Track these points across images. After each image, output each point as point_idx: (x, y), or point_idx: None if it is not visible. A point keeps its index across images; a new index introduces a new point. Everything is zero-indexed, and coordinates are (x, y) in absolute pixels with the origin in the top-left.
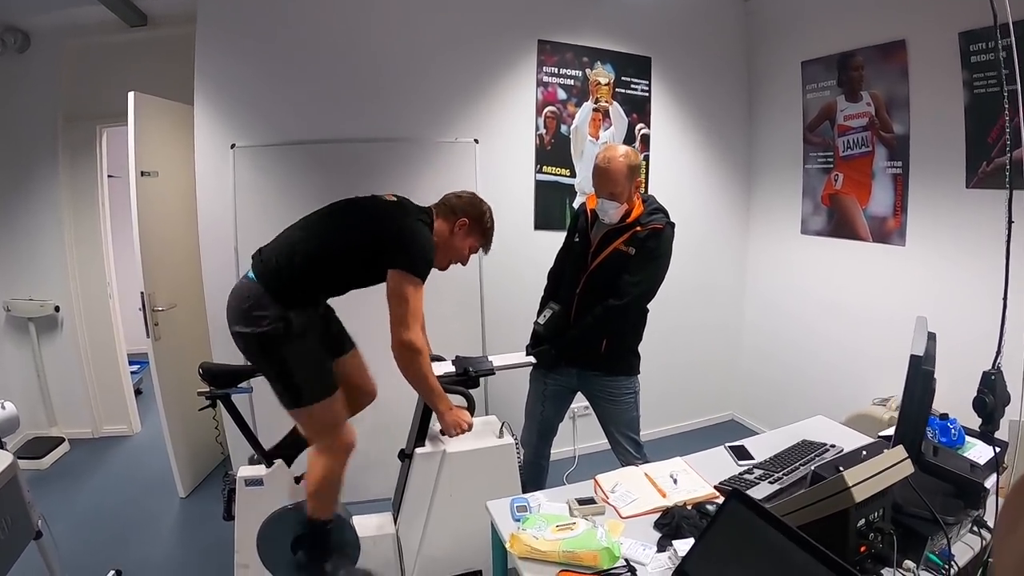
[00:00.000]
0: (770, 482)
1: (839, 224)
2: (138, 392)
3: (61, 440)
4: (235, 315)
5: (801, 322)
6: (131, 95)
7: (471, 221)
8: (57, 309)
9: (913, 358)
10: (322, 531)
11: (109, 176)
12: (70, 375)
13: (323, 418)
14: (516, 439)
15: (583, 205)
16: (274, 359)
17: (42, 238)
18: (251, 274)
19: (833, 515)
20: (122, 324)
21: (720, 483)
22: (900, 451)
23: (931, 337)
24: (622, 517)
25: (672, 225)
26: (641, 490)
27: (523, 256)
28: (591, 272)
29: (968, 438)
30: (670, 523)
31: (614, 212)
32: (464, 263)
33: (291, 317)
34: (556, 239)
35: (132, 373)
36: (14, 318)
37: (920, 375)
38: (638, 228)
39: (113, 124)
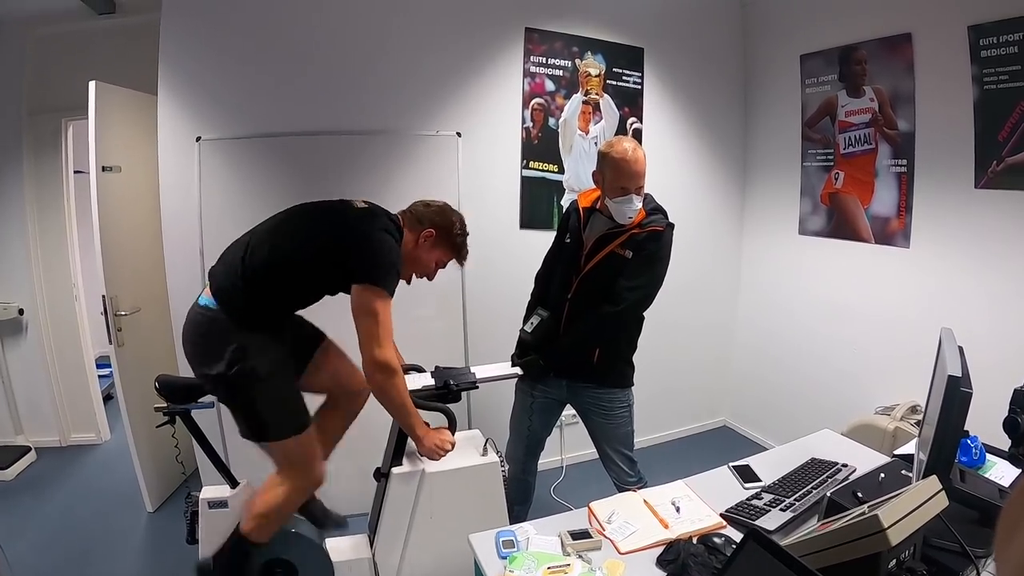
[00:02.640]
0: (781, 509)
1: (839, 224)
2: (109, 398)
3: (27, 449)
4: (194, 352)
5: (798, 326)
6: (92, 84)
7: (438, 232)
8: (21, 312)
9: (951, 379)
10: (247, 553)
11: (76, 172)
12: (36, 381)
13: (294, 454)
14: (501, 456)
15: (575, 203)
16: (240, 399)
17: (5, 238)
18: (203, 299)
19: (862, 557)
20: (89, 327)
21: (727, 511)
22: (934, 483)
23: (960, 352)
24: (620, 552)
25: (671, 226)
26: (640, 520)
27: (508, 257)
28: (584, 276)
29: (988, 456)
30: (675, 560)
31: (638, 209)
32: (430, 278)
33: (255, 350)
34: (543, 239)
35: (102, 378)
36: None
37: (958, 398)
38: (636, 230)
39: (79, 117)
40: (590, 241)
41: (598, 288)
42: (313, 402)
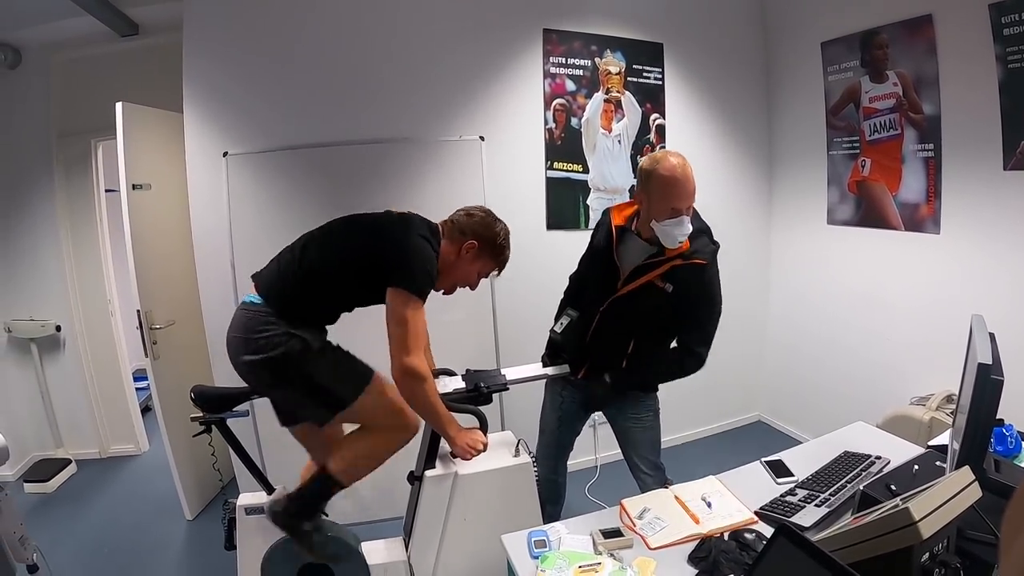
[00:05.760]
0: (816, 505)
1: (868, 213)
2: (147, 409)
3: (68, 462)
4: (239, 345)
5: (830, 318)
6: (119, 106)
7: (481, 244)
8: (59, 328)
9: (981, 367)
10: (328, 491)
11: (107, 190)
12: (75, 395)
13: (379, 408)
14: (533, 457)
15: (607, 216)
16: (293, 381)
17: (41, 257)
18: (250, 297)
19: (895, 551)
20: (125, 341)
21: (761, 508)
22: (967, 474)
23: (991, 339)
24: (650, 548)
25: (716, 251)
26: (671, 516)
27: (536, 259)
28: (618, 298)
29: None
30: (706, 557)
31: (689, 231)
32: (473, 287)
33: (301, 331)
34: (570, 239)
35: (139, 390)
36: (16, 339)
37: (989, 386)
38: (678, 260)
39: (107, 137)
40: (626, 269)
41: (631, 311)
42: None
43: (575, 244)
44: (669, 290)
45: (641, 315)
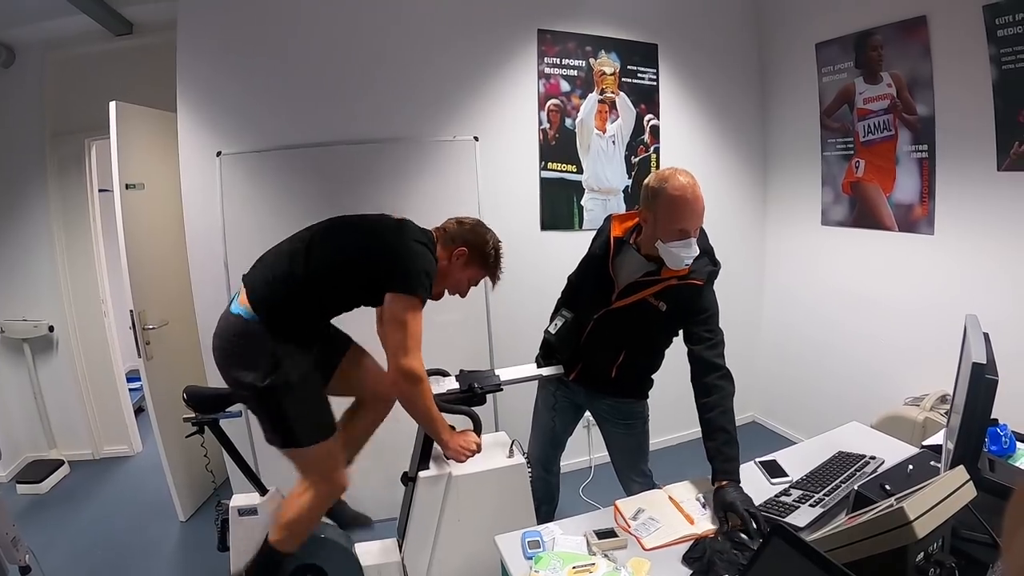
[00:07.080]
0: (811, 505)
1: (862, 213)
2: (140, 410)
3: (61, 463)
4: (225, 358)
5: (824, 318)
6: (112, 105)
7: (470, 251)
8: (51, 329)
9: (976, 367)
10: (278, 564)
11: (101, 190)
12: (68, 396)
13: (319, 459)
14: (527, 457)
15: (608, 226)
16: (270, 408)
17: (34, 257)
18: (236, 308)
19: (889, 551)
20: (119, 342)
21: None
22: (961, 473)
23: (986, 339)
24: (645, 549)
25: (715, 274)
26: (665, 516)
27: (530, 259)
28: (612, 310)
29: (1019, 444)
30: (700, 558)
31: (696, 253)
32: (463, 295)
33: (287, 361)
34: (564, 240)
35: (132, 391)
36: (8, 339)
37: (984, 386)
38: (673, 280)
39: (101, 137)
40: (621, 283)
41: (624, 325)
42: (339, 405)
43: (569, 245)
44: (663, 308)
45: (633, 330)
